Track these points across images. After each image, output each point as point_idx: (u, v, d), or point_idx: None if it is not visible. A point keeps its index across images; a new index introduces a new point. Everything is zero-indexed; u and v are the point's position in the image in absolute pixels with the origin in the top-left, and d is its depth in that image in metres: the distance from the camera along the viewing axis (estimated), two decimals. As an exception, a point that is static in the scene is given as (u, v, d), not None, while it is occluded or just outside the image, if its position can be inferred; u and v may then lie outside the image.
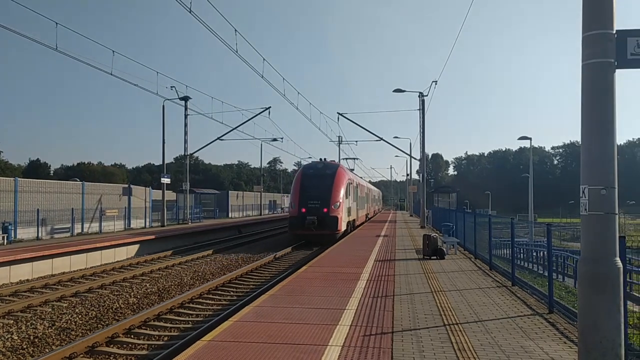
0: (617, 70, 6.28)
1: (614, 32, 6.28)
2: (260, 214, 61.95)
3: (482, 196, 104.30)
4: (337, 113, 37.90)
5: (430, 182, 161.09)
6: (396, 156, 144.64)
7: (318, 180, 27.98)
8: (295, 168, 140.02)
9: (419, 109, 35.14)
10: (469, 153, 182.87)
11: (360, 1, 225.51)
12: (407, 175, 73.62)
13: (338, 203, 27.11)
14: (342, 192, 27.81)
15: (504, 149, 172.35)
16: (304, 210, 26.78)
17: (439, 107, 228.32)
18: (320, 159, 32.01)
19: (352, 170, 41.61)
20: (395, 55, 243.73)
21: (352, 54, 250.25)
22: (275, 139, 51.74)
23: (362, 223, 39.19)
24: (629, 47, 6.26)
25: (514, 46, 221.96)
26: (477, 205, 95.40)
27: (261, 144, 61.52)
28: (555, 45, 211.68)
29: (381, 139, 38.82)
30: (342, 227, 27.46)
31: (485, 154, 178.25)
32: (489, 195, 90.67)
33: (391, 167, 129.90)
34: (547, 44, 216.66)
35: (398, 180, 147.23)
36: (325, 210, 26.68)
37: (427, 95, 34.63)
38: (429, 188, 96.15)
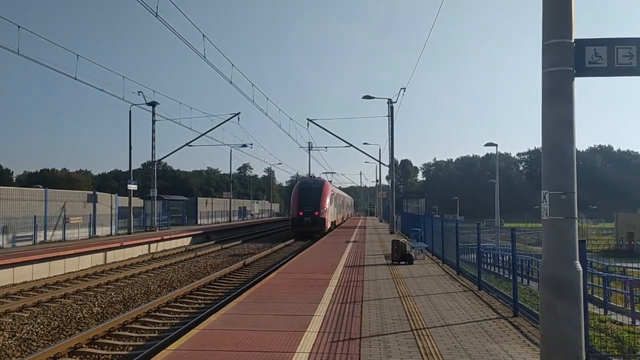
0: (576, 78, 6.45)
1: (573, 41, 6.45)
2: (230, 221, 61.55)
3: (450, 202, 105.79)
4: (307, 119, 38.03)
5: (400, 188, 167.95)
6: (366, 162, 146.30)
7: (310, 191, 38.28)
8: (265, 174, 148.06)
9: (388, 116, 35.39)
10: (437, 159, 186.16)
11: (325, 16, 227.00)
12: (377, 181, 74.27)
13: (325, 208, 37.68)
14: (328, 200, 38.50)
15: (471, 155, 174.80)
16: (301, 213, 37.10)
17: (408, 114, 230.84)
18: (311, 176, 44.08)
19: (330, 182, 50.53)
20: (362, 66, 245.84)
21: (318, 62, 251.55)
22: (244, 145, 51.61)
23: (340, 224, 51.06)
24: (587, 55, 6.44)
25: (478, 57, 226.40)
26: (445, 211, 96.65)
27: (230, 150, 61.12)
28: (518, 54, 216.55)
29: (350, 145, 39.06)
30: (328, 225, 38.40)
31: (453, 160, 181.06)
32: (457, 200, 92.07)
33: (361, 173, 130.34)
34: (511, 56, 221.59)
35: (368, 186, 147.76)
36: (316, 213, 37.03)
37: (395, 102, 34.99)
38: (398, 194, 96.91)
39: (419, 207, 42.14)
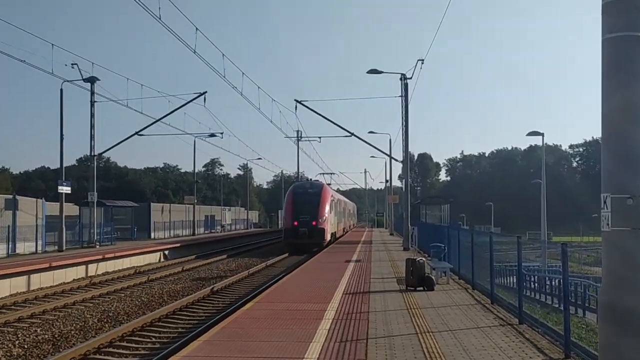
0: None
1: (642, -2, 6.46)
2: (194, 234, 61.51)
3: (482, 208, 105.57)
4: (295, 101, 37.70)
5: (416, 190, 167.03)
6: (372, 157, 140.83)
7: (307, 197, 41.33)
8: (240, 172, 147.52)
9: (401, 96, 35.00)
10: (465, 153, 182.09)
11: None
12: (386, 181, 72.65)
13: (324, 217, 40.78)
14: (327, 207, 41.55)
15: (509, 148, 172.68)
16: (296, 223, 39.97)
17: (427, 95, 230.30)
18: (307, 179, 51.63)
19: (329, 185, 54.44)
20: (367, 30, 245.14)
21: (310, 26, 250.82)
22: (213, 135, 51.56)
23: (341, 236, 53.91)
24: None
25: (517, 18, 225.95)
26: (475, 220, 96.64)
27: (194, 141, 60.85)
28: (572, 13, 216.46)
29: (352, 134, 38.71)
30: (328, 237, 41.58)
31: (486, 154, 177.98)
32: (491, 207, 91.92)
33: (365, 172, 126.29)
34: (562, 16, 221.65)
35: (375, 188, 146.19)
36: (314, 223, 39.98)
37: (410, 78, 34.58)
38: (415, 198, 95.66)
39: (441, 216, 42.18)
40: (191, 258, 37.93)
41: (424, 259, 18.64)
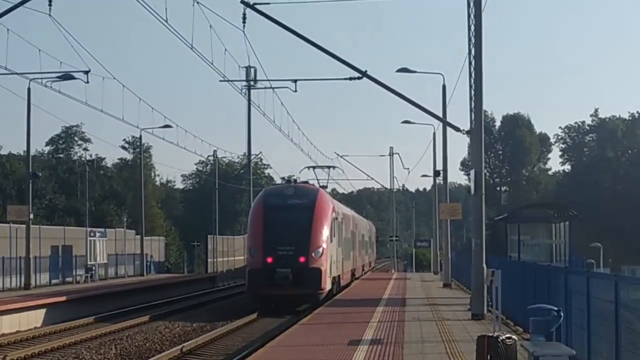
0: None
1: None
2: (28, 285, 37.20)
3: (633, 227, 70.57)
4: (242, 2, 22.48)
5: (500, 192, 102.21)
6: (405, 122, 50.93)
7: (289, 214, 28.65)
8: (128, 155, 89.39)
9: None
10: (601, 116, 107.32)
11: None
12: (435, 174, 47.67)
13: (321, 249, 28.33)
14: (326, 232, 28.98)
15: None
16: (269, 260, 27.69)
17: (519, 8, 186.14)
18: (288, 180, 32.26)
19: (325, 187, 35.80)
20: None
21: None
22: (69, 76, 33.42)
23: (348, 284, 38.65)
24: None
25: None
26: (628, 255, 66.48)
27: (28, 89, 39.10)
28: None
29: (363, 74, 23.02)
30: (327, 284, 28.87)
31: None
32: None
33: (392, 154, 70.73)
34: None
35: (410, 190, 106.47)
36: (302, 259, 27.78)
37: None
38: (497, 209, 70.14)
39: (553, 246, 31.01)
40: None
41: (515, 337, 14.58)
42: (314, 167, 41.12)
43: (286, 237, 27.79)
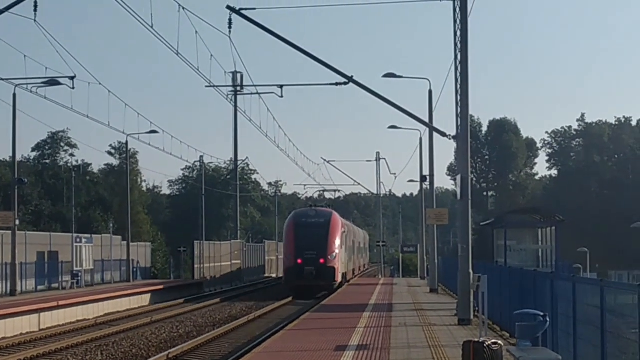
0: None
1: None
2: (13, 292, 36.62)
3: (627, 235, 67.58)
4: (228, 9, 22.41)
5: (486, 197, 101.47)
6: (391, 128, 51.91)
7: (312, 229, 40.54)
8: (114, 161, 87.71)
9: None
10: (588, 120, 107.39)
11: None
12: (422, 179, 48.48)
13: (335, 253, 40.22)
14: (338, 241, 41.13)
15: None
16: (300, 261, 39.48)
17: (506, 11, 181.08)
18: (311, 205, 47.07)
19: (329, 206, 49.86)
20: None
21: None
22: (54, 82, 33.01)
23: (352, 278, 51.51)
24: None
25: None
26: (613, 260, 65.90)
27: (14, 94, 38.28)
28: None
29: (349, 79, 22.88)
30: (339, 278, 40.99)
31: (634, 122, 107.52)
32: None
33: (378, 159, 72.04)
34: None
35: (397, 195, 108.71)
36: (322, 260, 39.46)
37: None
38: (482, 212, 71.06)
39: (539, 251, 30.44)
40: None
41: (501, 342, 14.72)
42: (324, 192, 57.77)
43: (310, 245, 39.24)
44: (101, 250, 52.45)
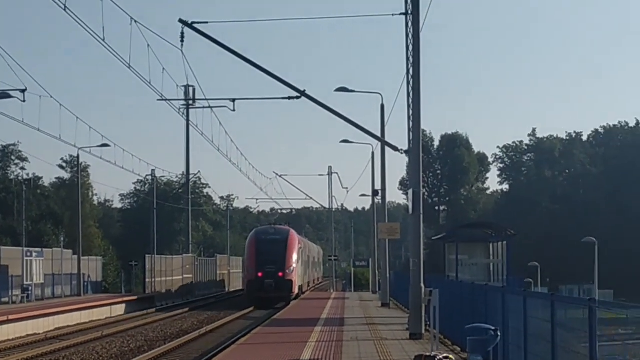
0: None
1: None
2: None
3: (575, 250, 65.97)
4: (180, 22, 21.60)
5: (439, 211, 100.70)
6: (344, 142, 49.31)
7: (272, 245, 43.89)
8: (65, 174, 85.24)
9: (405, 12, 21.33)
10: (539, 135, 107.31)
11: None
12: (374, 193, 48.12)
13: (292, 267, 43.78)
14: (295, 256, 44.85)
15: (632, 124, 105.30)
16: (260, 274, 42.34)
17: (457, 24, 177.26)
18: (270, 224, 51.00)
19: (287, 224, 53.70)
20: None
21: None
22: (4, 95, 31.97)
23: (307, 290, 55.75)
24: None
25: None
26: (562, 275, 66.85)
27: None
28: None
29: (302, 93, 22.61)
30: (296, 289, 44.68)
31: (584, 137, 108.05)
32: (594, 247, 47.35)
33: (330, 174, 67.99)
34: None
35: (348, 209, 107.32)
36: (280, 274, 42.58)
37: None
38: (436, 229, 70.60)
39: (490, 266, 30.35)
40: None
41: (452, 356, 15.95)
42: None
43: (270, 260, 42.35)
44: (52, 264, 51.50)
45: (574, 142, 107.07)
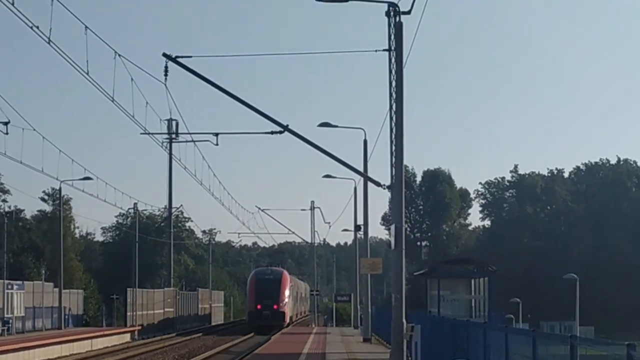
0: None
1: None
2: None
3: (558, 286, 65.96)
4: (164, 56, 20.42)
5: (421, 246, 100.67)
6: (326, 177, 48.01)
7: (268, 283, 54.65)
8: (47, 207, 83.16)
9: (389, 49, 20.56)
10: (521, 172, 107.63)
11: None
12: (356, 228, 47.52)
13: (284, 301, 54.14)
14: (287, 292, 55.34)
15: (613, 162, 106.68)
16: (259, 306, 52.95)
17: (443, 58, 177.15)
18: (267, 266, 67.08)
19: (281, 265, 66.94)
20: None
21: None
22: None
23: (297, 320, 67.95)
24: None
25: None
26: (543, 311, 67.71)
27: None
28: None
29: (285, 128, 21.94)
30: (287, 319, 55.47)
31: (566, 173, 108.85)
32: (576, 284, 47.63)
33: (313, 208, 73.95)
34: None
35: (331, 244, 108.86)
36: (275, 306, 53.04)
37: (408, 13, 19.14)
38: (418, 264, 70.98)
39: (472, 301, 30.17)
40: None
41: None
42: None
43: (267, 295, 52.80)
44: (33, 297, 50.18)
45: (556, 178, 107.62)
